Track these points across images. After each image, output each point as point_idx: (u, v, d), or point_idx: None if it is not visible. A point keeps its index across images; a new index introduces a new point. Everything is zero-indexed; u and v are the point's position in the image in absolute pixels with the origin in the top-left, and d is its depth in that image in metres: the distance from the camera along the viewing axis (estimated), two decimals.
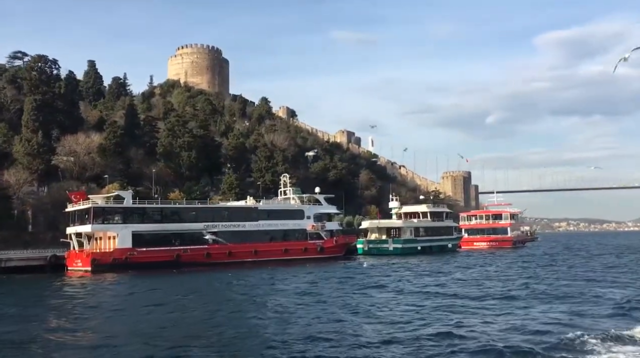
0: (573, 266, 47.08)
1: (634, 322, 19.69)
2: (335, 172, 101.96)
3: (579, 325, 19.38)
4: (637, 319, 20.52)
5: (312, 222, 60.50)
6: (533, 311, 22.97)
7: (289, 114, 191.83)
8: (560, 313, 22.27)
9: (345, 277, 39.77)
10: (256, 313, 23.47)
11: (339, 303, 25.97)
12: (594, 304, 24.46)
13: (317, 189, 65.72)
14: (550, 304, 24.78)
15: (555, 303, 25.17)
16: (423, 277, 39.31)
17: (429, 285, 33.37)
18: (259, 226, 56.42)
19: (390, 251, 69.18)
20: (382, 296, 28.97)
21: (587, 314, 21.92)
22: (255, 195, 76.95)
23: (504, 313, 22.58)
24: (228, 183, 74.97)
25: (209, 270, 46.92)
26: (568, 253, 71.61)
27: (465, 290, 30.42)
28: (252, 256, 54.36)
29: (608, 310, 22.83)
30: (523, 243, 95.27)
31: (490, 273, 40.85)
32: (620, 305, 23.77)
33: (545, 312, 22.58)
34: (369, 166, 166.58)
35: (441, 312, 23.07)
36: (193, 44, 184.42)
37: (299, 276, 41.51)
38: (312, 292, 30.45)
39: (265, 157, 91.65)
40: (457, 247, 79.26)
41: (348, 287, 33.03)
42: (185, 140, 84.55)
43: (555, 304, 24.80)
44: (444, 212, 78.53)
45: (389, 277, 39.49)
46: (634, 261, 53.38)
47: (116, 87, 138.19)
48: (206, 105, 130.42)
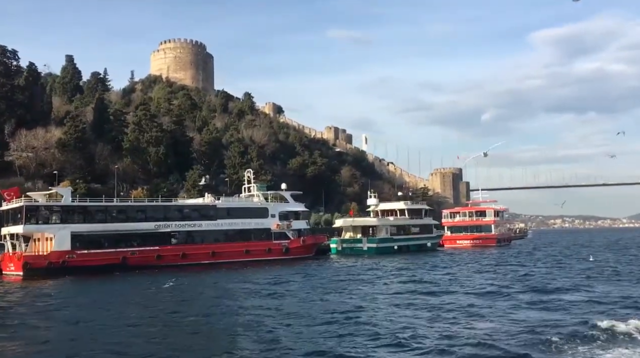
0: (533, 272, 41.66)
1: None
2: (314, 168, 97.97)
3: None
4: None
5: (276, 221, 56.57)
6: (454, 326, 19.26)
7: (275, 110, 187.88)
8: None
9: (298, 280, 35.97)
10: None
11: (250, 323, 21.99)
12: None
13: (283, 186, 61.74)
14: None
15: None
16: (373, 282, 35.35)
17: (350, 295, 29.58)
18: (217, 225, 52.46)
19: (365, 251, 65.39)
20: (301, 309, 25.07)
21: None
22: (228, 192, 73.13)
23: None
24: (192, 180, 70.92)
25: (159, 274, 43.00)
26: (547, 252, 67.92)
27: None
28: (209, 258, 50.45)
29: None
30: (509, 241, 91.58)
31: (442, 278, 36.46)
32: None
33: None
34: (356, 163, 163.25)
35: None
36: (176, 38, 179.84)
37: (251, 279, 37.73)
38: (227, 303, 26.44)
39: (239, 152, 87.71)
40: (437, 245, 75.51)
41: (287, 297, 29.18)
42: (152, 135, 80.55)
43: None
44: (422, 209, 74.65)
45: (341, 282, 35.61)
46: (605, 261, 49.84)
47: (95, 83, 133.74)
48: (185, 100, 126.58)
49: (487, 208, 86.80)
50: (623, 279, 33.74)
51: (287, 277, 39.05)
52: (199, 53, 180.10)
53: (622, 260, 51.46)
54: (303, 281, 36.15)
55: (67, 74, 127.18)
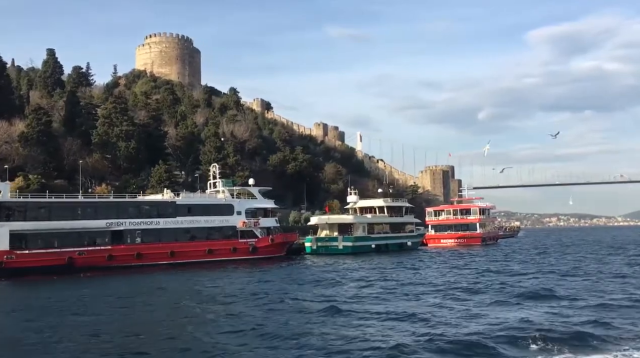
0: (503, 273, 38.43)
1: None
2: (295, 164, 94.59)
3: None
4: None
5: (243, 219, 53.27)
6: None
7: (264, 106, 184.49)
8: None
9: (250, 284, 32.77)
10: None
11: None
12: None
13: (251, 181, 58.37)
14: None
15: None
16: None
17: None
18: (177, 223, 49.11)
19: (340, 250, 62.16)
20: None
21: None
22: (204, 188, 69.70)
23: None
24: (158, 176, 67.51)
25: (111, 275, 39.77)
26: (527, 253, 64.76)
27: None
28: (167, 258, 47.16)
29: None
30: (495, 240, 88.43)
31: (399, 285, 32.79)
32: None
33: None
34: (344, 160, 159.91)
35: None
36: (162, 32, 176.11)
37: (202, 282, 34.51)
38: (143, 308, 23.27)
39: (215, 147, 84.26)
40: (418, 244, 72.34)
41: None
42: (123, 129, 77.09)
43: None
44: (403, 206, 71.43)
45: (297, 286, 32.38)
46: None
47: (77, 77, 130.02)
48: (166, 95, 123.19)
49: (472, 206, 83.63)
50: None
51: (242, 279, 35.87)
52: (185, 48, 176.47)
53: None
54: (248, 284, 32.93)
55: (48, 68, 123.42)
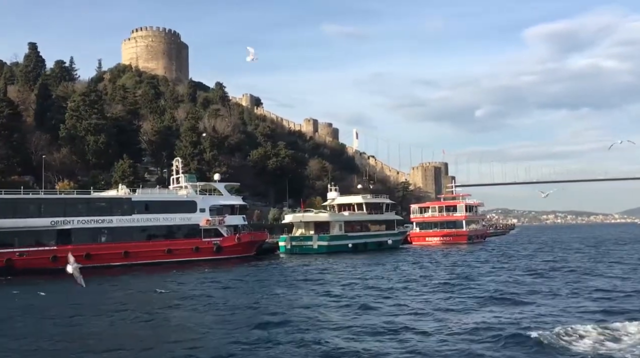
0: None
1: None
2: (276, 160, 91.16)
3: None
4: None
5: (207, 216, 49.88)
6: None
7: (253, 102, 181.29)
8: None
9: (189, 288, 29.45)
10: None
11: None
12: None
13: (216, 176, 54.93)
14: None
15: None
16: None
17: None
18: (133, 221, 45.69)
19: (315, 249, 58.85)
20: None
21: None
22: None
23: None
24: (121, 171, 64.07)
25: (54, 279, 36.31)
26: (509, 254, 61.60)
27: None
28: (121, 259, 43.77)
29: None
30: (483, 238, 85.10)
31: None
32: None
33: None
34: (334, 156, 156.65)
35: None
36: (148, 26, 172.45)
37: (141, 284, 31.22)
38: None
39: (190, 142, 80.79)
40: (399, 243, 69.01)
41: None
42: (92, 123, 73.62)
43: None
44: (383, 203, 68.00)
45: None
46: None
47: (59, 71, 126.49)
48: (148, 89, 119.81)
49: (458, 202, 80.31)
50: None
51: (191, 280, 32.51)
52: (172, 42, 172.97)
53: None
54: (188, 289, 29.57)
55: (29, 62, 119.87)
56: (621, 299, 22.62)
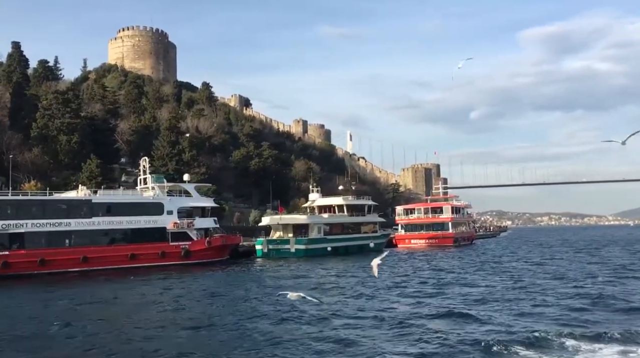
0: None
1: None
2: (259, 161, 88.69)
3: None
4: None
5: (174, 219, 47.37)
6: None
7: (242, 103, 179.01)
8: None
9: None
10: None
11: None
12: None
13: (185, 177, 52.40)
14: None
15: None
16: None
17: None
18: (93, 224, 43.16)
19: (292, 253, 56.45)
20: None
21: None
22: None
23: None
24: (88, 171, 61.47)
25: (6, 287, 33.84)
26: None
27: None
28: (79, 265, 41.24)
29: None
30: (470, 241, 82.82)
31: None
32: None
33: None
34: (324, 157, 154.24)
35: None
36: (135, 25, 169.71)
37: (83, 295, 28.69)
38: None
39: (169, 142, 78.22)
40: (382, 246, 66.57)
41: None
42: (64, 122, 70.98)
43: None
44: (365, 205, 65.66)
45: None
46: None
47: (43, 71, 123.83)
48: (132, 89, 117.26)
49: (444, 204, 78.00)
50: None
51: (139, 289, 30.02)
52: (159, 42, 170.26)
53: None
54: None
55: (12, 61, 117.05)
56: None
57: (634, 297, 23.97)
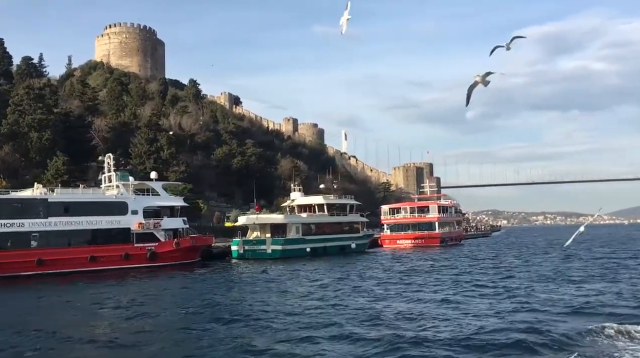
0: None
1: None
2: (241, 159, 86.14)
3: None
4: None
5: (140, 219, 44.80)
6: None
7: (231, 101, 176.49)
8: None
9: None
10: None
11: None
12: None
13: (152, 175, 49.73)
14: None
15: None
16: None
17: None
18: (49, 225, 40.57)
19: (269, 254, 53.96)
20: None
21: None
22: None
23: None
24: (54, 169, 58.84)
25: None
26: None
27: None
28: (34, 268, 38.66)
29: None
30: (458, 241, 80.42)
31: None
32: None
33: None
34: (313, 156, 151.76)
35: None
36: (122, 22, 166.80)
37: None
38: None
39: (146, 139, 75.61)
40: (365, 247, 64.17)
41: None
42: (36, 118, 68.31)
43: None
44: (347, 204, 63.20)
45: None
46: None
47: (26, 68, 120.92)
48: (115, 85, 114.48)
49: (431, 203, 75.59)
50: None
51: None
52: (147, 39, 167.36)
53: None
54: None
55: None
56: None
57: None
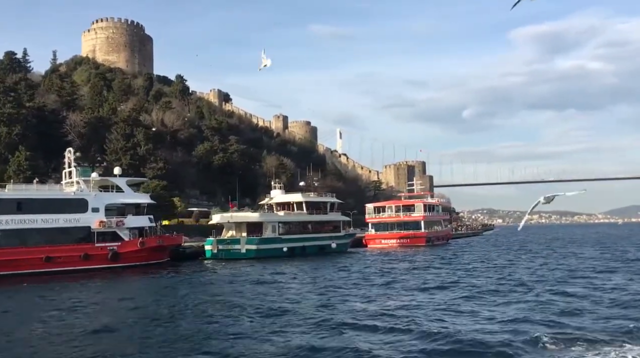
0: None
1: None
2: (223, 156, 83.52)
3: None
4: None
5: (101, 217, 42.22)
6: None
7: (221, 98, 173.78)
8: None
9: None
10: None
11: None
12: None
13: (116, 170, 47.03)
14: None
15: None
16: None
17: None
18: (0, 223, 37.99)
19: (243, 254, 51.48)
20: None
21: None
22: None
23: None
24: (16, 164, 56.19)
25: None
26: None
27: None
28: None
29: None
30: (445, 240, 78.03)
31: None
32: None
33: None
34: (303, 154, 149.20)
35: None
36: (109, 17, 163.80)
37: None
38: None
39: (122, 135, 72.95)
40: (346, 246, 61.72)
41: None
42: (5, 112, 65.66)
43: None
44: (327, 202, 60.68)
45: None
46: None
47: (9, 63, 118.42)
48: (97, 81, 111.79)
49: (416, 201, 73.15)
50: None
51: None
52: (135, 34, 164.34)
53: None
54: None
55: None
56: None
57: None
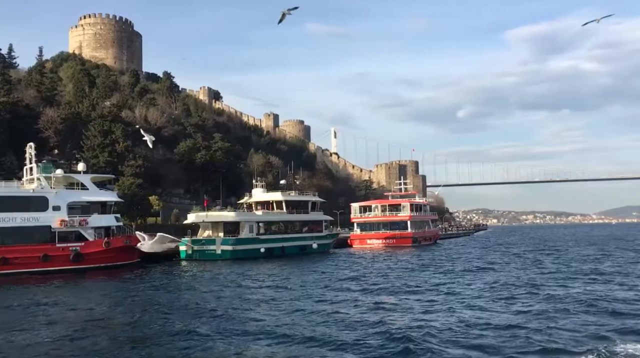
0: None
1: None
2: (205, 153, 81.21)
3: None
4: None
5: (63, 216, 39.95)
6: None
7: (211, 96, 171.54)
8: None
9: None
10: None
11: None
12: None
13: (80, 166, 44.73)
14: None
15: None
16: None
17: None
18: None
19: (218, 255, 49.35)
20: None
21: None
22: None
23: None
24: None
25: None
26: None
27: None
28: None
29: None
30: (432, 241, 75.93)
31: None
32: None
33: None
34: (295, 153, 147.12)
35: None
36: (97, 13, 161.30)
37: None
38: None
39: (100, 131, 70.59)
40: (329, 247, 59.61)
41: None
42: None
43: None
44: (309, 201, 58.53)
45: None
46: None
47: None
48: (81, 77, 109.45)
49: (403, 201, 71.04)
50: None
51: None
52: (123, 30, 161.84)
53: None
54: None
55: None
56: None
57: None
